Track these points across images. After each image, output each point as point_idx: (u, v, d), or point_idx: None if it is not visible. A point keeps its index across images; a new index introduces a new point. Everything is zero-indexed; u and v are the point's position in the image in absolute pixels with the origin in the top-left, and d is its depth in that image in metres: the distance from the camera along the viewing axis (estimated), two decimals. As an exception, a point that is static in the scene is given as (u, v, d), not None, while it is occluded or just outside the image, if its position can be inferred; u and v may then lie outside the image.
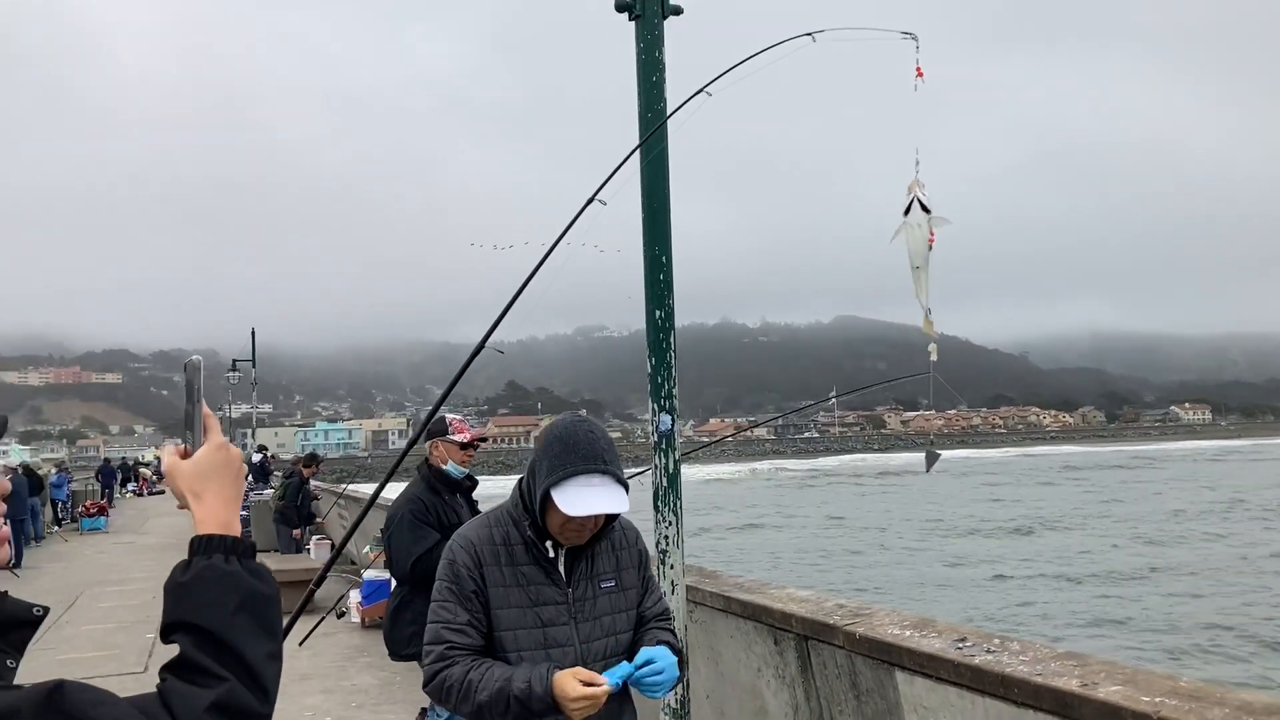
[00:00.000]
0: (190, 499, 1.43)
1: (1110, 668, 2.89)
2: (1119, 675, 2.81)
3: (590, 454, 2.65)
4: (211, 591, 1.32)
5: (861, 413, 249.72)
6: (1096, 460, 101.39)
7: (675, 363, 4.59)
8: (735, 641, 4.70)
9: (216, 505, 1.42)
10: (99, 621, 12.03)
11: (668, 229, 4.67)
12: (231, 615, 1.30)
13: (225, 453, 1.47)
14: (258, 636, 1.31)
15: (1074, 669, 2.91)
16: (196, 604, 1.31)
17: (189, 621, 1.30)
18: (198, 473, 1.44)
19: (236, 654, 1.28)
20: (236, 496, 1.46)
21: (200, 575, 1.33)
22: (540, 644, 2.72)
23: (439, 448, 5.36)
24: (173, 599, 1.33)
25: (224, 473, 1.45)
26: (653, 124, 4.74)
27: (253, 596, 1.34)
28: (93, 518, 27.86)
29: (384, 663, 9.30)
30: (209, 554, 1.35)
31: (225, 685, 1.25)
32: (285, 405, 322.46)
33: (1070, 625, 21.58)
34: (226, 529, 1.39)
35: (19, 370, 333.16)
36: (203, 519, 1.40)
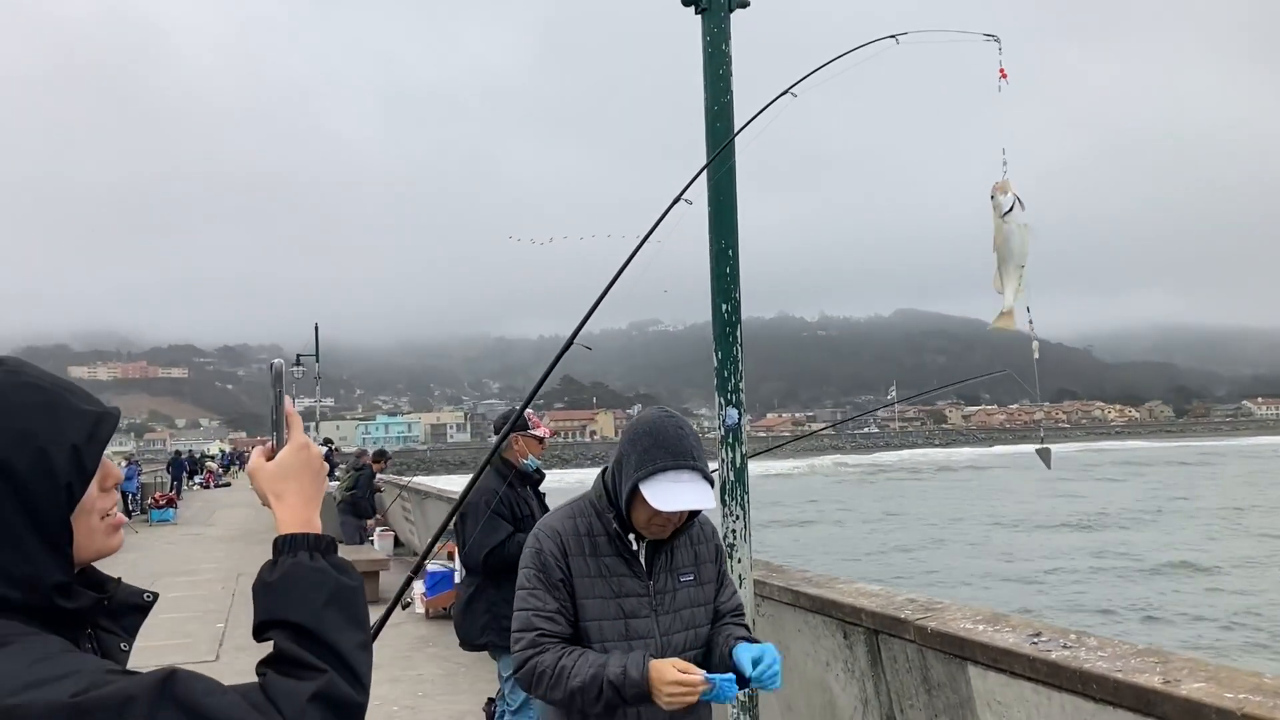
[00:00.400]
0: (272, 499, 1.47)
1: (1192, 664, 2.85)
2: (1201, 672, 2.77)
3: (679, 449, 2.67)
4: (300, 588, 1.35)
5: (922, 407, 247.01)
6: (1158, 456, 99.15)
7: (742, 357, 4.60)
8: (803, 635, 4.69)
9: (297, 504, 1.45)
10: (170, 611, 12.30)
11: (734, 223, 4.67)
12: (322, 609, 1.33)
13: (306, 453, 1.49)
14: (348, 628, 1.34)
15: (1155, 665, 2.87)
16: (287, 601, 1.34)
17: (282, 618, 1.33)
18: (279, 473, 1.47)
19: (330, 646, 1.31)
20: (317, 495, 1.49)
21: (288, 573, 1.36)
22: (622, 635, 2.75)
23: (519, 441, 5.43)
24: (263, 598, 1.36)
25: (304, 473, 1.48)
26: (719, 117, 4.75)
27: (340, 590, 1.36)
28: (162, 509, 28.50)
29: (448, 653, 9.44)
30: (294, 552, 1.38)
31: (324, 677, 1.28)
32: (346, 399, 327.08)
33: (1122, 619, 21.37)
34: (308, 527, 1.42)
35: (88, 365, 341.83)
36: (285, 519, 1.44)
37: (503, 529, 5.15)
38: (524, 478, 5.45)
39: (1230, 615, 21.45)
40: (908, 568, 29.89)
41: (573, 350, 3.54)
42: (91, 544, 1.39)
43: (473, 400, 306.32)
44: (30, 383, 1.35)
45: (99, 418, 1.38)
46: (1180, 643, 18.12)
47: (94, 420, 1.37)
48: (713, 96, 4.79)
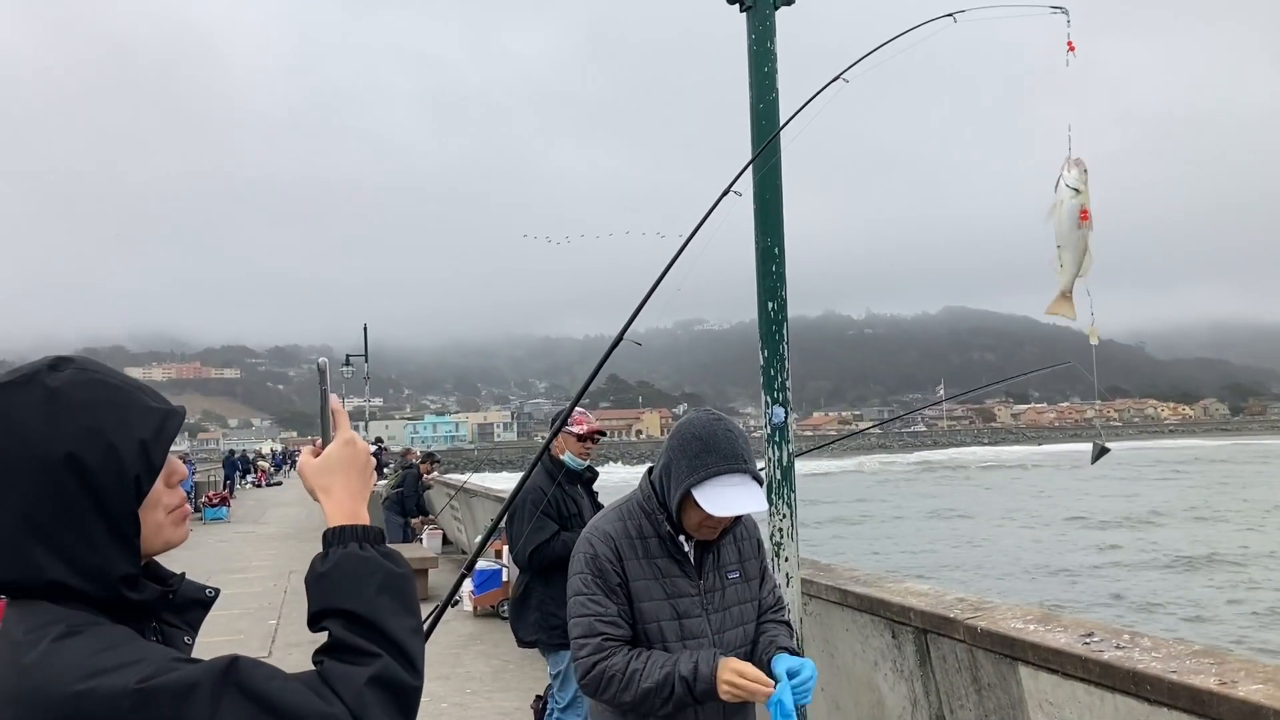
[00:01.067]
0: (320, 494, 1.50)
1: (1250, 666, 2.80)
2: (1259, 674, 2.73)
3: (730, 453, 2.69)
4: (352, 577, 1.38)
5: (970, 405, 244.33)
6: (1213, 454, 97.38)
7: (789, 355, 4.59)
8: (851, 634, 4.67)
9: (344, 498, 1.48)
10: (224, 608, 12.48)
11: (780, 221, 4.66)
12: (375, 596, 1.37)
13: (352, 448, 1.53)
14: (401, 614, 1.38)
15: (1210, 666, 2.83)
16: (340, 590, 1.37)
17: (336, 607, 1.36)
18: (325, 468, 1.51)
19: (384, 632, 1.35)
20: (364, 488, 1.52)
21: (339, 563, 1.40)
22: (678, 636, 2.77)
23: (559, 438, 5.44)
24: (317, 589, 1.39)
25: (350, 467, 1.51)
26: (765, 115, 4.74)
27: (391, 577, 1.40)
28: (215, 508, 28.93)
29: (496, 650, 9.51)
30: (344, 543, 1.42)
31: (380, 661, 1.32)
32: (395, 399, 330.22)
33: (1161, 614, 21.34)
34: (355, 519, 1.46)
35: (144, 366, 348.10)
36: (332, 512, 1.47)
37: (548, 527, 5.17)
38: (572, 476, 5.46)
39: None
40: (953, 559, 30.08)
41: (620, 349, 3.54)
42: (159, 536, 1.43)
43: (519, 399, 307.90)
44: (100, 380, 1.39)
45: (166, 415, 1.43)
46: (1212, 637, 18.14)
47: (161, 417, 1.42)
48: (758, 95, 4.78)
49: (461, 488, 16.15)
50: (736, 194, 3.60)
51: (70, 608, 1.30)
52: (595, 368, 3.46)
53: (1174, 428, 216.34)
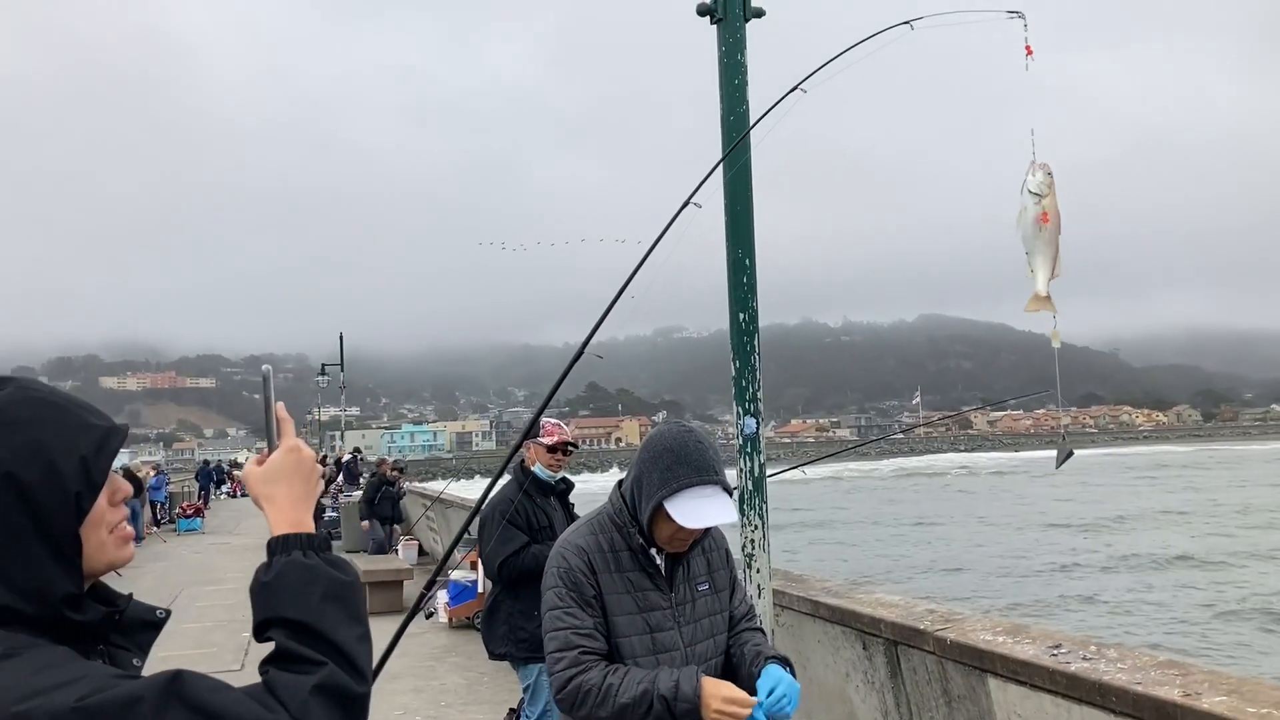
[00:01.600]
0: (263, 502, 1.49)
1: (1214, 677, 2.82)
2: (1223, 685, 2.74)
3: (703, 465, 2.69)
4: (296, 585, 1.37)
5: (947, 413, 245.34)
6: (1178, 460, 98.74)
7: (760, 366, 4.59)
8: (823, 646, 4.67)
9: (287, 506, 1.47)
10: (196, 620, 12.39)
11: (751, 232, 4.67)
12: (319, 604, 1.36)
13: (297, 455, 1.52)
14: (346, 621, 1.37)
15: (1175, 678, 2.84)
16: (284, 599, 1.36)
17: (280, 616, 1.35)
18: (268, 476, 1.50)
19: (329, 640, 1.34)
20: (308, 496, 1.51)
21: (283, 572, 1.39)
22: (649, 650, 2.76)
23: (530, 449, 5.42)
24: (261, 598, 1.38)
25: (295, 475, 1.50)
26: (735, 127, 4.75)
27: (336, 585, 1.39)
28: (189, 519, 28.70)
29: (471, 663, 9.46)
30: (287, 551, 1.41)
31: (325, 669, 1.31)
32: (372, 408, 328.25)
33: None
34: (299, 527, 1.45)
35: (118, 375, 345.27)
36: (275, 520, 1.46)
37: (517, 539, 5.14)
38: (543, 487, 5.42)
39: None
40: (932, 563, 30.96)
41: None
42: (102, 556, 1.41)
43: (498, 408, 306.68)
44: (40, 398, 1.37)
45: (107, 432, 1.41)
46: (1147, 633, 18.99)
47: (103, 434, 1.40)
48: (729, 107, 4.79)
49: (437, 498, 16.09)
50: (696, 205, 3.60)
51: (10, 630, 1.28)
52: (557, 381, 3.47)
53: (1148, 434, 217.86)
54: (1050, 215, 3.79)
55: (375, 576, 12.90)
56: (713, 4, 4.75)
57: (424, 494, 18.67)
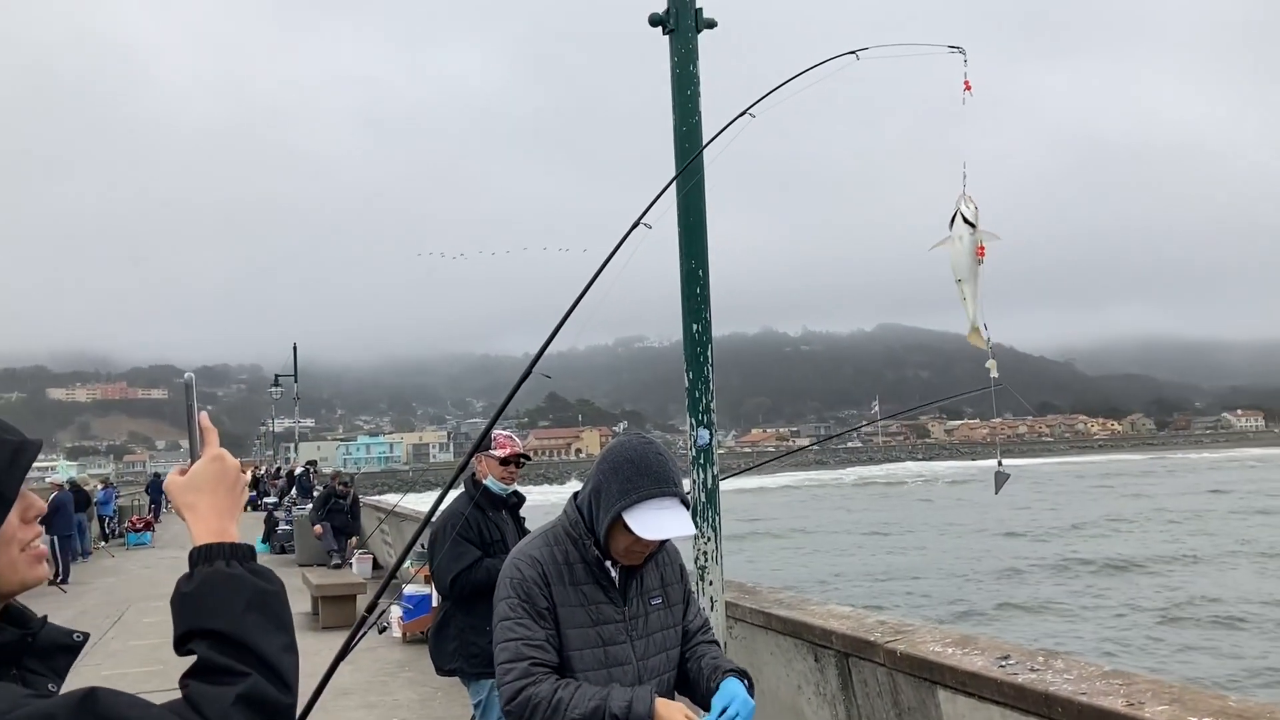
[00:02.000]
0: (185, 512, 1.46)
1: (1157, 686, 2.84)
2: (1166, 694, 2.76)
3: (662, 477, 2.69)
4: (218, 595, 1.35)
5: (905, 422, 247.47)
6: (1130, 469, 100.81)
7: (713, 377, 4.58)
8: (775, 658, 4.67)
9: (210, 515, 1.44)
10: (144, 637, 12.17)
11: (704, 244, 4.67)
12: (242, 614, 1.33)
13: (220, 464, 1.49)
14: (270, 631, 1.35)
15: (1120, 688, 2.86)
16: (206, 609, 1.34)
17: (201, 628, 1.33)
18: (191, 485, 1.47)
19: (252, 650, 1.31)
20: (232, 506, 1.48)
21: (205, 582, 1.36)
22: (601, 663, 2.74)
23: (482, 462, 5.36)
24: (182, 610, 1.36)
25: (218, 484, 1.48)
26: (688, 137, 4.75)
27: (259, 594, 1.37)
28: (139, 533, 28.24)
29: (424, 678, 9.35)
30: (210, 561, 1.38)
31: (248, 680, 1.29)
32: (327, 419, 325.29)
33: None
34: (223, 536, 1.42)
35: (67, 386, 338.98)
36: (198, 530, 1.43)
37: (470, 554, 5.08)
38: (495, 501, 5.37)
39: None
40: (877, 568, 31.82)
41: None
42: (13, 575, 1.38)
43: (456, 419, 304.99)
44: None
45: (18, 447, 1.37)
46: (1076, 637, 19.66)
47: (13, 449, 1.36)
48: (681, 117, 4.80)
49: (392, 510, 15.95)
50: (646, 226, 3.60)
51: None
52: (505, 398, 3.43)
53: (1103, 442, 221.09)
54: (984, 249, 3.87)
55: (328, 591, 12.75)
56: (665, 15, 4.76)
57: (378, 507, 18.49)
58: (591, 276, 3.44)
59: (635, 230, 3.60)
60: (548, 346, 3.46)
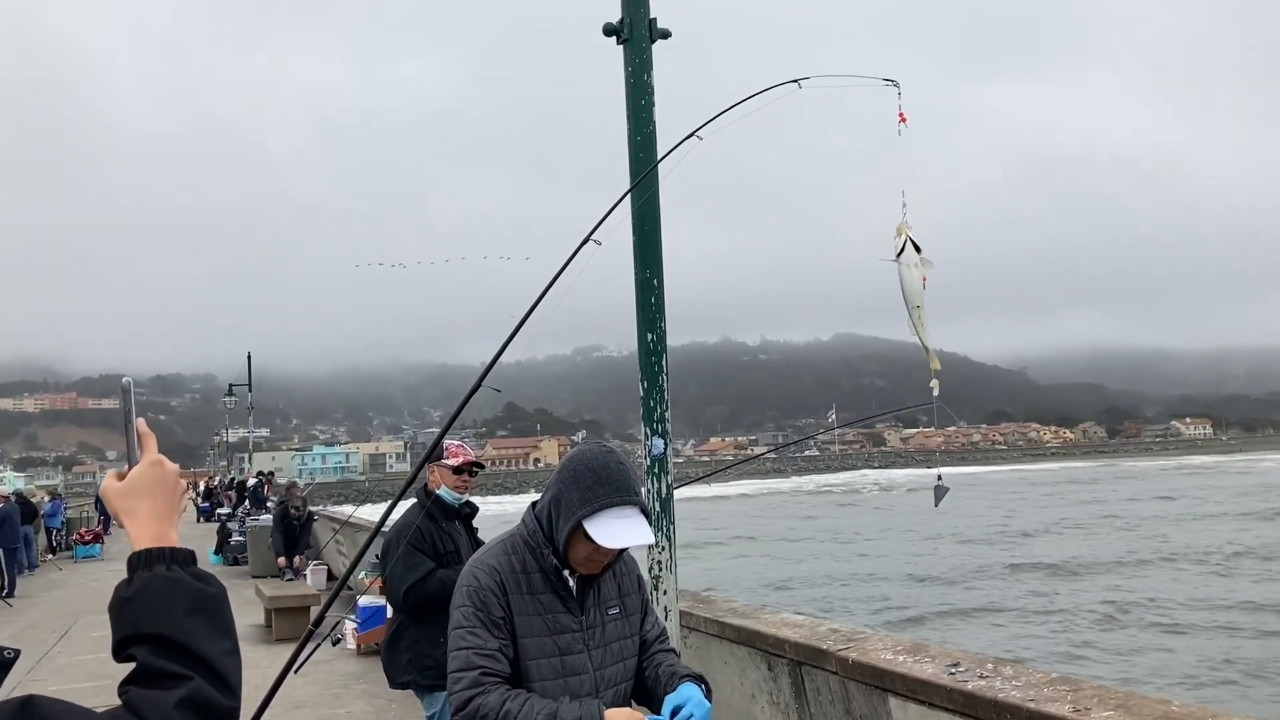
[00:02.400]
0: (124, 517, 1.44)
1: (1103, 692, 2.88)
2: (1111, 700, 2.80)
3: (623, 485, 2.67)
4: (160, 599, 1.32)
5: (862, 430, 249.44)
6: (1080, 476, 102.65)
7: (668, 386, 4.58)
8: (729, 667, 4.67)
9: (149, 520, 1.42)
10: (92, 651, 11.94)
11: (659, 253, 4.67)
12: (184, 618, 1.31)
13: (159, 469, 1.48)
14: (213, 635, 1.33)
15: (1066, 694, 2.89)
16: (147, 613, 1.31)
17: (142, 632, 1.30)
18: (129, 491, 1.45)
19: (195, 653, 1.29)
20: (171, 511, 1.47)
21: (145, 586, 1.34)
22: (558, 673, 2.72)
23: (435, 472, 5.32)
24: (121, 615, 1.33)
25: (157, 489, 1.46)
26: (643, 146, 4.76)
27: (201, 598, 1.35)
28: (88, 545, 27.74)
29: (379, 690, 9.25)
30: (150, 566, 1.36)
31: (190, 684, 1.27)
32: (282, 429, 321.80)
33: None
34: (162, 541, 1.40)
35: (14, 396, 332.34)
36: (137, 535, 1.41)
37: (424, 565, 5.03)
38: (448, 511, 5.33)
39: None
40: (834, 573, 32.39)
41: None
42: None
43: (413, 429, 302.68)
44: None
45: None
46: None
47: None
48: (636, 127, 4.80)
49: (346, 521, 15.79)
50: (596, 243, 3.61)
51: None
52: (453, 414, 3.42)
53: (1055, 450, 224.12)
54: (913, 274, 3.98)
55: (281, 603, 12.60)
56: (619, 25, 4.76)
57: (333, 518, 18.29)
58: (540, 293, 3.44)
59: (585, 246, 3.60)
60: (496, 361, 3.45)
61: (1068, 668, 17.74)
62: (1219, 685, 16.90)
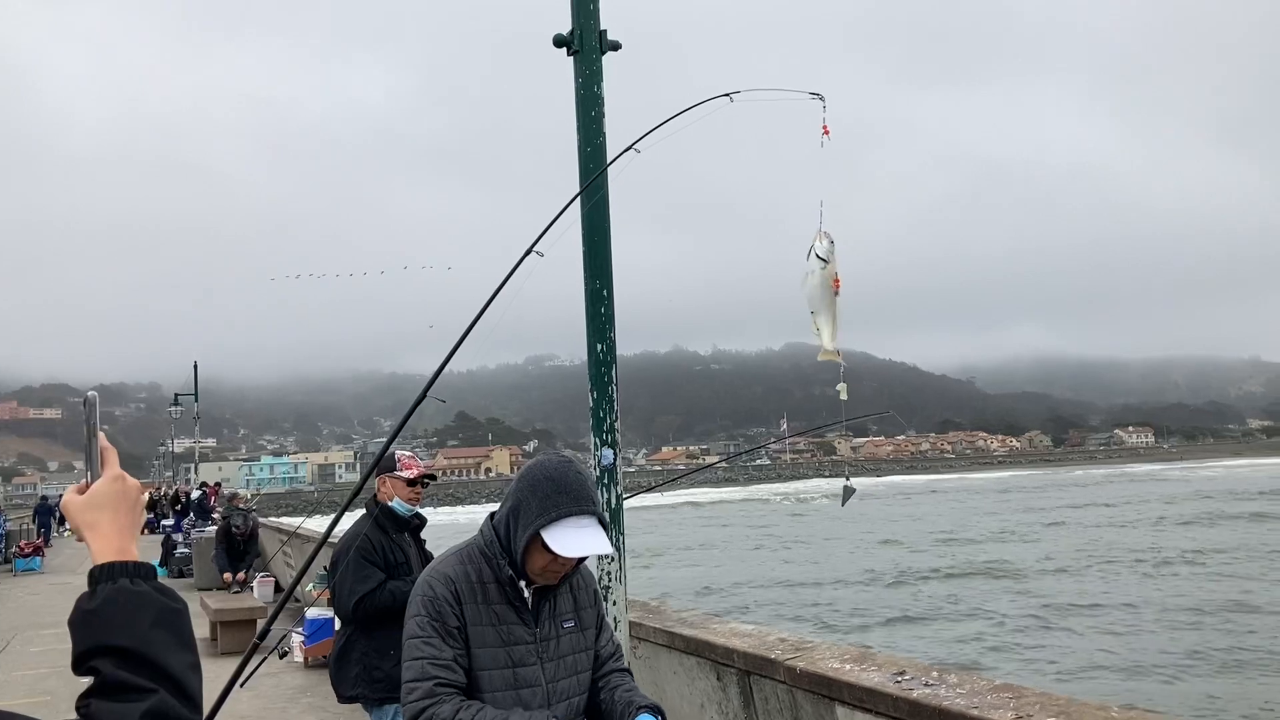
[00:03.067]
0: (86, 530, 1.44)
1: (1045, 699, 2.92)
2: (1053, 706, 2.84)
3: (582, 495, 2.70)
4: (124, 612, 1.33)
5: (812, 439, 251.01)
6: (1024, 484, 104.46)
7: (618, 396, 4.59)
8: (679, 677, 4.68)
9: (111, 534, 1.43)
10: (31, 667, 11.68)
11: (608, 263, 4.68)
12: (148, 631, 1.32)
13: (121, 483, 1.49)
14: (176, 649, 1.33)
15: (1009, 701, 2.94)
16: (111, 626, 1.31)
17: (106, 644, 1.30)
18: (91, 504, 1.46)
19: (159, 667, 1.30)
20: (133, 525, 1.48)
21: (109, 599, 1.34)
22: (510, 684, 2.73)
23: (386, 484, 5.28)
24: (84, 628, 1.33)
25: (119, 503, 1.47)
26: (593, 158, 4.77)
27: (165, 612, 1.36)
28: (27, 558, 27.12)
29: (326, 704, 9.14)
30: (113, 579, 1.36)
31: (155, 696, 1.27)
32: (229, 439, 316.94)
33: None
34: (124, 555, 1.41)
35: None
36: (99, 549, 1.41)
37: (374, 576, 4.99)
38: (398, 522, 5.29)
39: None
40: (785, 576, 33.33)
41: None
42: None
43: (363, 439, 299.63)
44: None
45: None
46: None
47: None
48: (586, 138, 4.81)
49: (294, 532, 15.59)
50: (539, 254, 3.62)
51: None
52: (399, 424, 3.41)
53: (1002, 458, 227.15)
54: (839, 281, 4.12)
55: (227, 615, 12.41)
56: (569, 36, 4.77)
57: (280, 529, 18.05)
58: (483, 305, 3.45)
59: (529, 257, 3.61)
60: (441, 371, 3.45)
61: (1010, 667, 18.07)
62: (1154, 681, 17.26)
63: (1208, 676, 17.77)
